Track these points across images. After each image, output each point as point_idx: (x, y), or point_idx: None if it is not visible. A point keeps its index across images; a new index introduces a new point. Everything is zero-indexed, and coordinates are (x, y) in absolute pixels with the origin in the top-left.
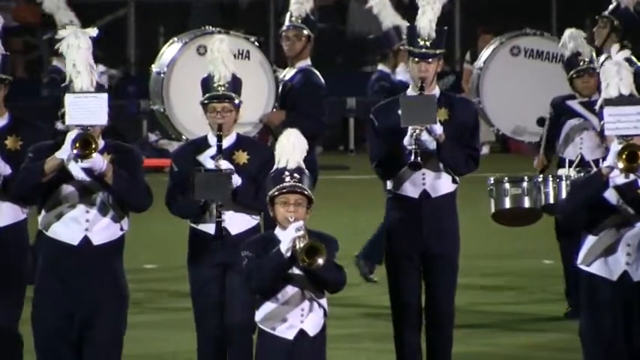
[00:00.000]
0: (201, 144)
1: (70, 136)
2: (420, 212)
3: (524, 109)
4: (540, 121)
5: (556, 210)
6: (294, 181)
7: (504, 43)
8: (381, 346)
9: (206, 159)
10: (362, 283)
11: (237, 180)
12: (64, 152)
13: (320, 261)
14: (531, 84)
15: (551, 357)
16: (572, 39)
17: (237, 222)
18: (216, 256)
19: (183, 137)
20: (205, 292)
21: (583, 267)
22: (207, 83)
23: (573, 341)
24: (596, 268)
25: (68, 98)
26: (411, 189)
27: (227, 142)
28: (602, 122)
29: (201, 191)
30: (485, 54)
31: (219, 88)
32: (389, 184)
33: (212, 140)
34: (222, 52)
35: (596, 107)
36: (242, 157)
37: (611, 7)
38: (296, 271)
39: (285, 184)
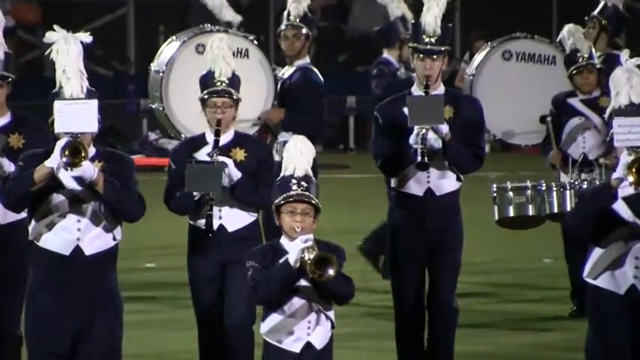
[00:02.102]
0: (199, 141)
1: (60, 144)
2: (425, 210)
3: (519, 113)
4: (543, 119)
5: (561, 218)
6: (302, 190)
7: (495, 48)
8: (381, 344)
9: (203, 156)
10: (361, 281)
11: (236, 174)
12: (54, 160)
13: (330, 272)
14: (524, 87)
15: (554, 356)
16: (570, 35)
17: (235, 218)
18: (215, 252)
19: (183, 136)
20: (205, 288)
21: (589, 280)
22: (206, 79)
23: (575, 340)
24: (602, 282)
25: (57, 105)
26: (415, 187)
27: (225, 139)
28: (611, 131)
29: (191, 183)
30: (477, 60)
31: (220, 84)
32: (393, 182)
33: (209, 137)
34: (223, 50)
35: (606, 116)
36: (239, 154)
37: (599, 7)
38: (303, 282)
39: (291, 192)
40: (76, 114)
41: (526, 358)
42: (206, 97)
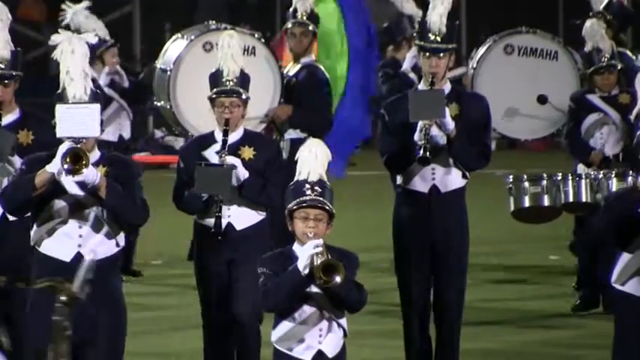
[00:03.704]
0: (208, 139)
1: (61, 149)
2: (430, 207)
3: (519, 107)
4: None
5: (576, 210)
6: (315, 195)
7: (497, 42)
8: (385, 342)
9: (211, 154)
10: (365, 280)
11: (244, 173)
12: (55, 166)
13: (337, 279)
14: (525, 81)
15: (559, 353)
16: (593, 32)
17: (243, 217)
18: (222, 251)
19: (190, 134)
20: (211, 286)
21: (617, 286)
22: (215, 78)
23: (580, 337)
24: (630, 288)
25: (59, 109)
26: (420, 184)
27: (233, 138)
28: (638, 133)
29: (201, 185)
30: (479, 53)
31: (228, 83)
32: (399, 179)
33: (218, 136)
34: (232, 48)
35: (631, 117)
36: (248, 152)
37: (604, 2)
38: (314, 289)
39: (305, 197)
40: (77, 118)
41: (531, 355)
42: (214, 96)
